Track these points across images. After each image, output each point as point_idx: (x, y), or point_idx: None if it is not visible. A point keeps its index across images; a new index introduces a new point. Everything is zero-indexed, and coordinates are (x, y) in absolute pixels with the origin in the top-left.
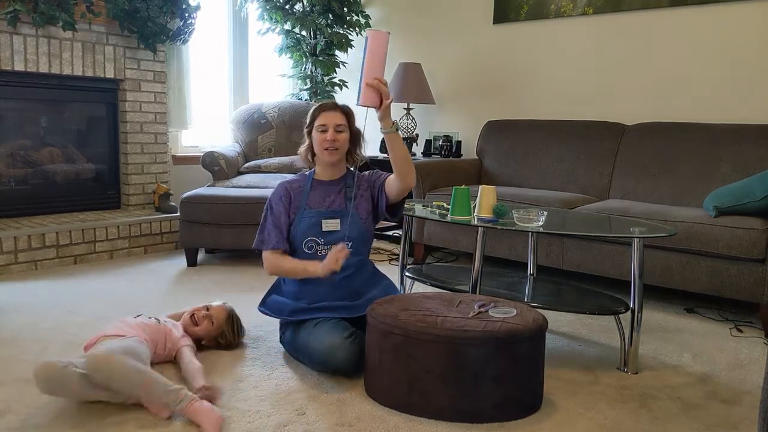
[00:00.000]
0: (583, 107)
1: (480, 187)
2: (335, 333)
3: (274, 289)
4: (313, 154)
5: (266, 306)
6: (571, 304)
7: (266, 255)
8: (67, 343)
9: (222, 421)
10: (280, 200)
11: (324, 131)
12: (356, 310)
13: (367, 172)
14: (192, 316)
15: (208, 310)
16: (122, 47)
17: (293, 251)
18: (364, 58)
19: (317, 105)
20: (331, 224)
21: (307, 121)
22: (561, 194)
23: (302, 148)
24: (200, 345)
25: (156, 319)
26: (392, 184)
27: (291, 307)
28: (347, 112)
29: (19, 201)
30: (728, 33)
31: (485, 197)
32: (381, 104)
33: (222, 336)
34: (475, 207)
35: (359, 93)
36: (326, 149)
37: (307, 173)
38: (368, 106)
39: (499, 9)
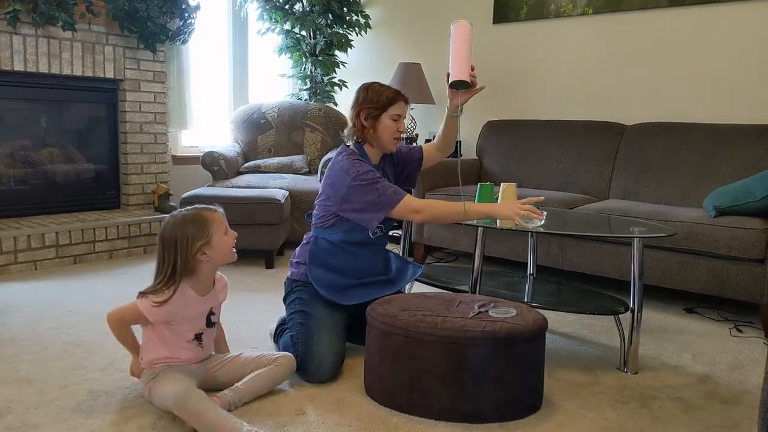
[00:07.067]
0: (583, 107)
1: (502, 184)
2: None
3: (313, 260)
4: (364, 137)
5: (315, 280)
6: (571, 305)
7: (407, 200)
8: (68, 343)
9: None
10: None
11: (397, 120)
12: (394, 284)
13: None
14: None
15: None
16: (122, 47)
17: (350, 231)
18: (451, 46)
19: (393, 90)
20: None
21: (376, 102)
22: (561, 194)
23: (354, 127)
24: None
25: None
26: (433, 154)
27: (341, 284)
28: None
29: (19, 201)
30: (728, 33)
31: (507, 195)
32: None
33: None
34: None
35: (449, 73)
36: (395, 139)
37: (357, 154)
38: (462, 81)
39: (499, 9)
